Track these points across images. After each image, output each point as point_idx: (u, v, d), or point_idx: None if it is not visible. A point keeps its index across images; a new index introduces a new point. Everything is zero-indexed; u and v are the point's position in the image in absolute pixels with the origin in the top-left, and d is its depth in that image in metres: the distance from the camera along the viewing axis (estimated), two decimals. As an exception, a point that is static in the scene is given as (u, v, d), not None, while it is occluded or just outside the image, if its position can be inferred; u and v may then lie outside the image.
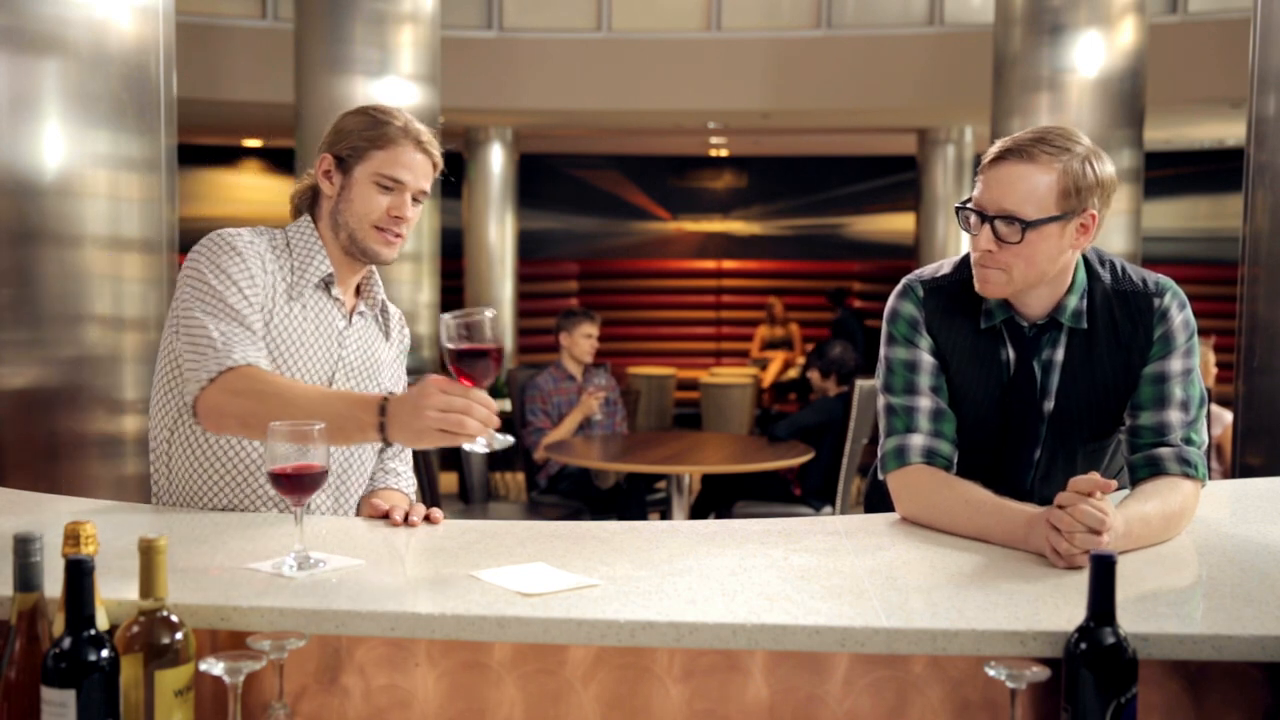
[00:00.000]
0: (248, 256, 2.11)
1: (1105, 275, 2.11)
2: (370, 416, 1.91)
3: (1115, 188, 2.06)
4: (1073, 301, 2.09)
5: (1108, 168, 2.04)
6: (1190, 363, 2.08)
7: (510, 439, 1.92)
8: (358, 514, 2.26)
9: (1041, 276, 2.04)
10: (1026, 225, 1.99)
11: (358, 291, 2.30)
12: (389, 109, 2.21)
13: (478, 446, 1.88)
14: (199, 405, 2.03)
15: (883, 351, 2.18)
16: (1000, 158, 2.02)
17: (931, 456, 2.09)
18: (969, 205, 2.06)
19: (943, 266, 2.20)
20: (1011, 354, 2.12)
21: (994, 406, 2.13)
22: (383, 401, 1.91)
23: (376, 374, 2.29)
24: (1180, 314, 2.09)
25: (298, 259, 2.19)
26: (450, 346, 1.85)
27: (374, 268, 2.30)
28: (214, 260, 2.10)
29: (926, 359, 2.13)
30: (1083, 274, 2.11)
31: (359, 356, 2.25)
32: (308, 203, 2.27)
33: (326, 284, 2.21)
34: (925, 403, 2.11)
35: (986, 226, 2.02)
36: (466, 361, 1.86)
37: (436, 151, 2.21)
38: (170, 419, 2.17)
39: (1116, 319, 2.09)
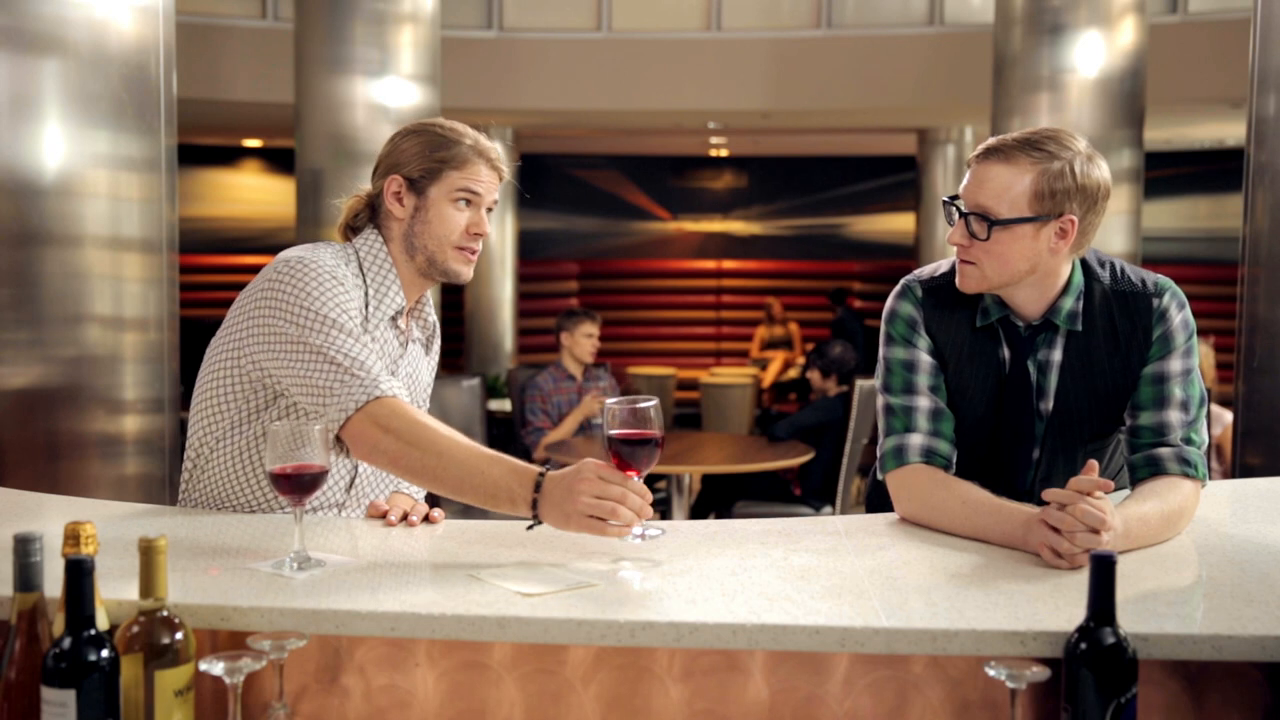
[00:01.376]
0: (348, 288, 2.07)
1: (1104, 276, 2.12)
2: (525, 491, 1.84)
3: (1104, 194, 2.05)
4: (1068, 303, 2.09)
5: (1097, 174, 2.03)
6: (1190, 363, 2.09)
7: (663, 530, 1.90)
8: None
9: (1015, 276, 2.05)
10: (993, 223, 2.01)
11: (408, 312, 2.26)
12: (452, 126, 2.17)
13: (628, 537, 1.83)
14: (346, 433, 1.97)
15: (881, 352, 2.19)
16: (983, 155, 2.05)
17: (930, 456, 2.09)
18: (954, 199, 2.09)
19: (940, 266, 2.21)
20: (1007, 353, 2.13)
21: (991, 405, 2.14)
22: (538, 477, 1.84)
23: (418, 395, 2.27)
24: (1180, 314, 2.09)
25: (373, 287, 2.15)
26: (612, 433, 1.83)
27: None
28: (319, 288, 2.02)
29: (925, 359, 2.13)
30: (1080, 275, 2.11)
31: (407, 381, 2.22)
32: (365, 220, 2.21)
33: (394, 316, 2.19)
34: (924, 402, 2.12)
35: (961, 221, 2.05)
36: (627, 448, 1.83)
37: (504, 166, 2.20)
38: (222, 429, 2.12)
39: (1115, 319, 2.09)
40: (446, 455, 1.90)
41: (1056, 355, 2.11)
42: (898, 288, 2.20)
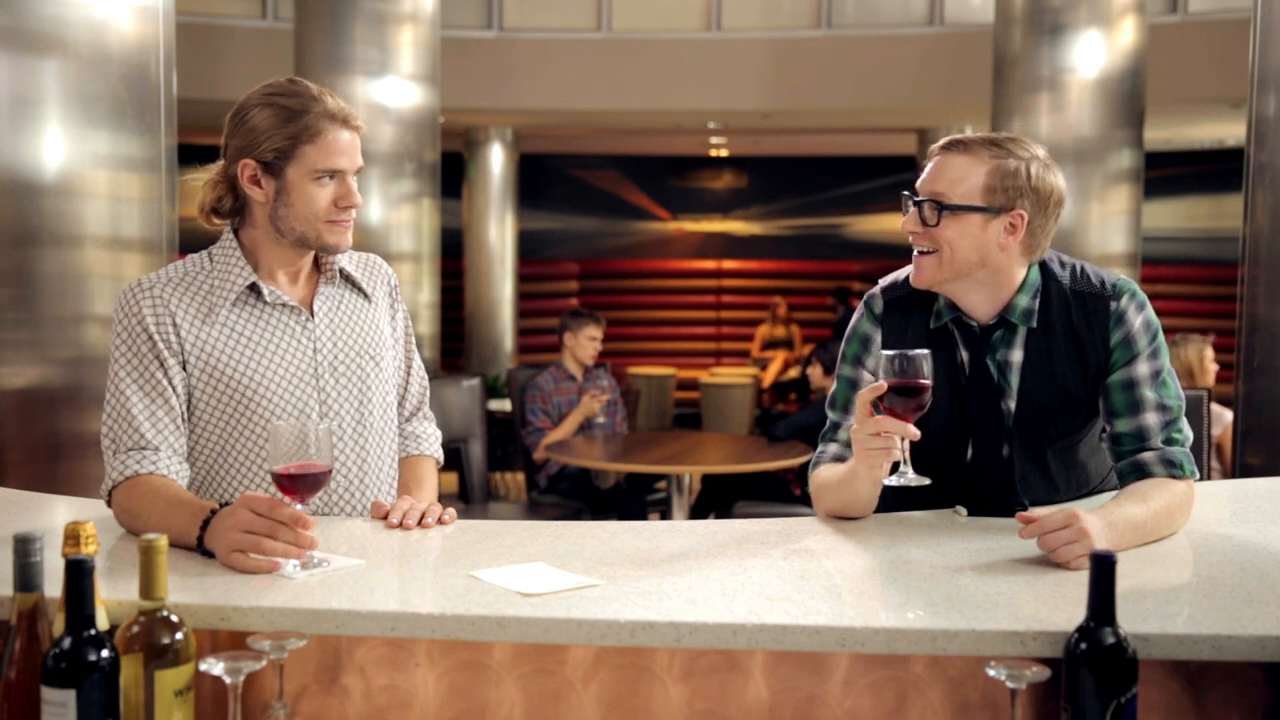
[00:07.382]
0: (147, 320, 2.02)
1: (1064, 276, 2.15)
2: (194, 531, 1.83)
3: (1057, 200, 2.10)
4: (1023, 301, 2.12)
5: (1051, 179, 2.09)
6: (1158, 364, 2.08)
7: (330, 560, 1.78)
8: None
9: (966, 267, 2.08)
10: (943, 208, 2.06)
11: (317, 275, 2.17)
12: (296, 90, 2.04)
13: (288, 571, 1.71)
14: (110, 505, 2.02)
15: (837, 367, 2.29)
16: (944, 147, 2.11)
17: (839, 462, 2.17)
18: (910, 190, 2.14)
19: (901, 273, 2.26)
20: (965, 355, 2.14)
21: (952, 407, 2.14)
22: (208, 515, 1.82)
23: (375, 352, 2.18)
24: (1139, 316, 2.09)
25: (217, 279, 2.08)
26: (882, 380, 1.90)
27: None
28: (116, 334, 2.05)
29: (867, 378, 2.22)
30: (1036, 274, 2.14)
31: (340, 345, 2.14)
32: (229, 205, 2.11)
33: (256, 291, 2.09)
34: (850, 420, 2.18)
35: (914, 209, 2.10)
36: (895, 396, 1.90)
37: (358, 120, 2.08)
38: (221, 456, 2.09)
39: (1073, 319, 2.12)
40: (147, 525, 1.90)
41: (1017, 355, 2.13)
42: (862, 302, 2.28)
